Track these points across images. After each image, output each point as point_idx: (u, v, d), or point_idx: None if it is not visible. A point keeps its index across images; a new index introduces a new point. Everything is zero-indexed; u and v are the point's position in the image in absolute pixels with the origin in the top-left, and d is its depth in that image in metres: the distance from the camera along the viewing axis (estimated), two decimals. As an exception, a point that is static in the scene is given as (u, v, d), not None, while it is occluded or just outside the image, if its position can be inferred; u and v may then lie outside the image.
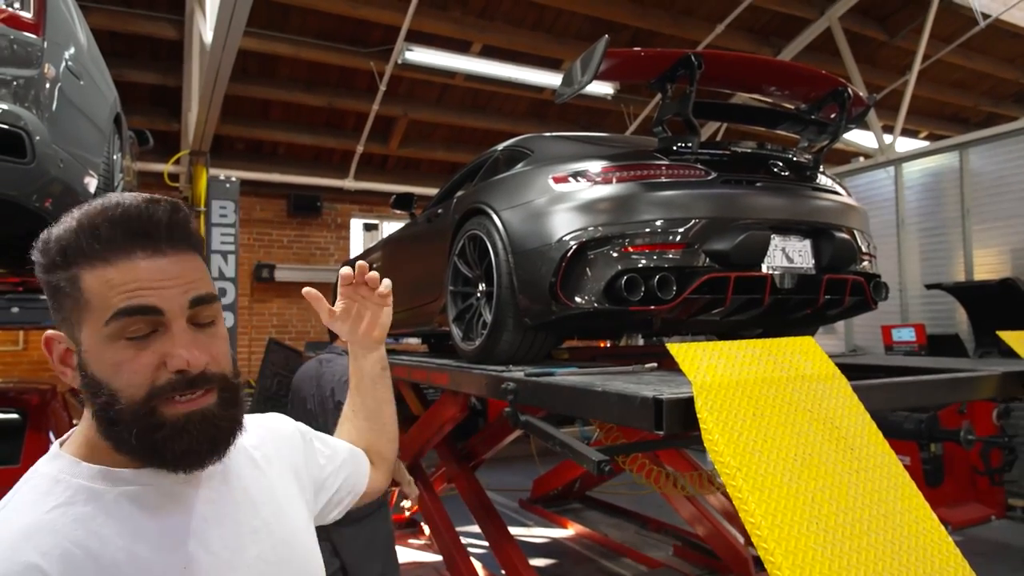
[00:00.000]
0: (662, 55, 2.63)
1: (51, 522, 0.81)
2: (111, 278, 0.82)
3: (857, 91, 2.89)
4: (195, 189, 7.90)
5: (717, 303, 2.56)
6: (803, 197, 2.77)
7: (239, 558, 0.91)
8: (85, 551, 0.80)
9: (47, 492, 0.84)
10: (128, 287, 0.82)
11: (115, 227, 0.83)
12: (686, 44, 8.65)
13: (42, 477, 0.87)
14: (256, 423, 1.13)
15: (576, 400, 2.07)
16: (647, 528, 5.77)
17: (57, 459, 0.88)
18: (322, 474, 1.20)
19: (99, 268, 0.82)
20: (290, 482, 1.09)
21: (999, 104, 10.86)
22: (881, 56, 9.40)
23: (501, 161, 3.49)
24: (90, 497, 0.84)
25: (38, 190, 2.47)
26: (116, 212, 0.84)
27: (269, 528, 0.97)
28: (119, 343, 0.82)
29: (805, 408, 1.68)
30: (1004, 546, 5.43)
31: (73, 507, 0.82)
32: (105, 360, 0.83)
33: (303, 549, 1.02)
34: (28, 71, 2.35)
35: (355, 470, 1.29)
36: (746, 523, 1.38)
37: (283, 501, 1.03)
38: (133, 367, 0.82)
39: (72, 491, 0.84)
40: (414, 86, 8.86)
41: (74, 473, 0.86)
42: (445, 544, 4.01)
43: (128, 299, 0.81)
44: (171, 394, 0.83)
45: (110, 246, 0.82)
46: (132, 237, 0.83)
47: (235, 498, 0.95)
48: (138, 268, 0.82)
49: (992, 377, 2.40)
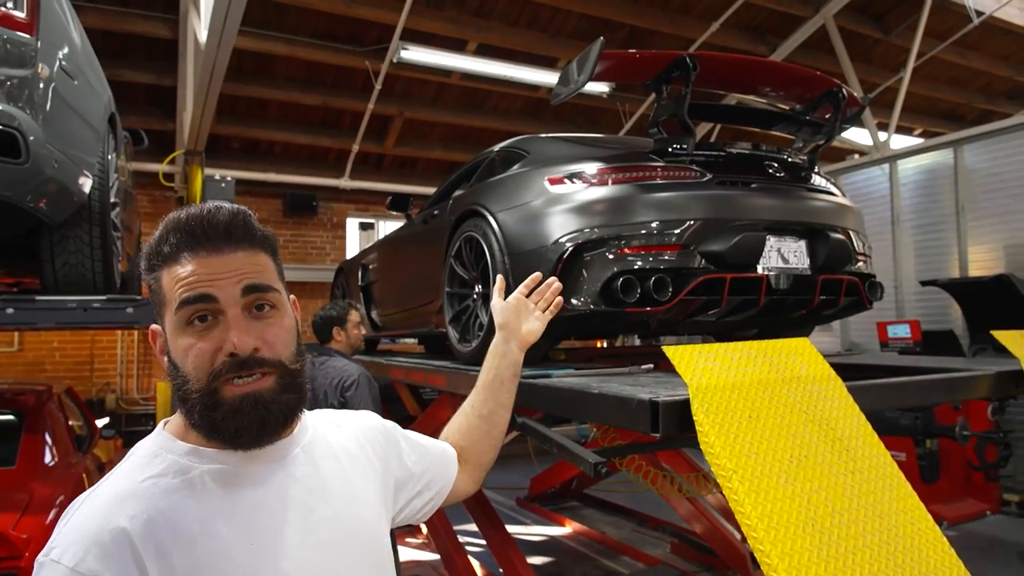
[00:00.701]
0: (657, 56, 2.63)
1: (144, 490, 0.92)
2: (178, 274, 0.95)
3: (851, 91, 2.90)
4: (190, 189, 7.88)
5: (713, 304, 2.56)
6: (798, 198, 2.78)
7: (305, 542, 0.97)
8: (166, 519, 0.89)
9: (146, 464, 0.96)
10: (188, 280, 0.94)
11: (182, 232, 0.95)
12: (682, 42, 8.66)
13: (144, 451, 0.99)
14: (344, 418, 1.23)
15: (572, 402, 2.07)
16: (644, 526, 5.78)
17: (159, 436, 1.00)
18: (406, 473, 1.26)
19: (172, 267, 0.95)
20: (368, 477, 1.14)
21: (993, 101, 10.89)
22: (876, 53, 9.42)
23: (497, 162, 3.49)
24: (179, 471, 0.94)
25: (33, 190, 2.46)
26: (184, 219, 0.96)
27: (339, 517, 1.02)
28: (187, 331, 0.95)
29: (801, 410, 1.68)
30: (999, 541, 5.45)
31: (164, 479, 0.93)
32: (178, 346, 0.96)
33: (371, 541, 1.07)
34: (22, 71, 2.35)
35: (442, 471, 1.35)
36: (742, 525, 1.39)
37: (358, 493, 1.09)
38: (197, 352, 0.94)
39: (165, 465, 0.95)
40: (410, 85, 8.85)
41: (169, 449, 0.97)
42: (443, 543, 4.01)
43: (188, 290, 0.94)
44: (228, 376, 0.94)
45: (179, 248, 0.95)
46: (196, 239, 0.95)
47: (310, 485, 1.02)
48: (200, 263, 0.95)
49: (986, 376, 2.41)
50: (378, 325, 4.81)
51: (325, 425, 1.15)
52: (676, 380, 1.80)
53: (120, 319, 3.00)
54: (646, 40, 8.78)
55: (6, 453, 3.39)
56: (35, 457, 3.47)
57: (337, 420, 1.21)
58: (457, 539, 4.04)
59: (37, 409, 3.81)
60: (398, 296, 4.36)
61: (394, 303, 4.44)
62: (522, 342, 1.58)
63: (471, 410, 1.50)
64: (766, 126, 3.22)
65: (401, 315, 4.28)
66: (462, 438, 1.47)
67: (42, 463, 3.46)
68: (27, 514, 2.87)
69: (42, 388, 4.30)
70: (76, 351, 8.40)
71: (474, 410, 1.50)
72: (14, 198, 2.42)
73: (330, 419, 1.20)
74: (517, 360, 1.56)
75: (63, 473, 3.48)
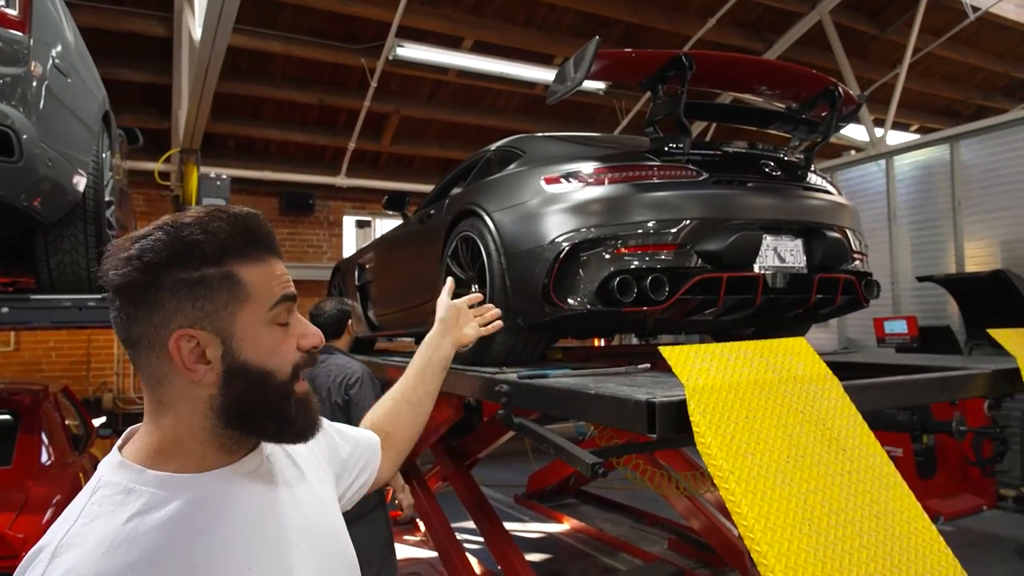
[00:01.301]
0: (653, 56, 2.62)
1: (131, 532, 0.83)
2: (270, 271, 0.94)
3: (848, 90, 2.90)
4: (186, 188, 7.87)
5: (710, 303, 2.56)
6: (794, 196, 2.78)
7: (293, 554, 0.96)
8: (167, 559, 0.84)
9: (121, 503, 0.86)
10: (283, 279, 0.96)
11: (248, 233, 0.93)
12: (678, 39, 8.66)
13: (115, 487, 0.88)
14: None
15: (569, 403, 2.07)
16: (642, 522, 5.79)
17: (123, 468, 0.90)
18: (342, 466, 1.26)
19: (255, 264, 0.93)
20: (323, 478, 1.14)
21: (989, 97, 10.91)
22: (872, 49, 9.43)
23: (493, 162, 3.48)
24: (159, 504, 0.87)
25: (27, 189, 2.45)
26: (240, 219, 0.93)
27: (312, 526, 1.01)
28: (274, 328, 0.94)
29: (797, 409, 1.68)
30: (995, 536, 5.47)
31: (149, 515, 0.85)
32: (262, 344, 0.92)
33: (342, 543, 1.08)
34: (14, 69, 2.34)
35: (370, 461, 1.36)
36: (739, 526, 1.39)
37: (321, 497, 1.09)
38: (286, 348, 0.95)
39: (144, 500, 0.87)
40: (406, 83, 8.84)
41: (142, 481, 0.88)
42: (441, 541, 4.01)
43: (285, 288, 0.95)
44: (301, 372, 0.97)
45: (259, 245, 0.94)
46: (268, 241, 0.96)
47: (282, 498, 1.00)
48: (279, 265, 0.96)
49: (982, 375, 2.41)
50: (375, 325, 4.80)
51: None
52: (673, 380, 1.81)
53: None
54: (642, 37, 8.78)
55: (2, 453, 3.38)
56: (31, 457, 3.46)
57: None
58: (455, 536, 4.04)
59: (33, 409, 3.80)
60: (395, 296, 4.35)
61: (391, 303, 4.43)
62: (456, 340, 1.64)
63: (401, 396, 1.53)
64: (762, 125, 3.22)
65: (398, 315, 4.27)
66: (389, 423, 1.48)
67: (38, 463, 3.46)
68: (23, 514, 2.86)
69: (38, 388, 4.29)
70: (73, 350, 8.39)
71: (403, 396, 1.52)
72: (8, 197, 2.41)
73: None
74: (448, 355, 1.62)
75: (59, 472, 3.48)
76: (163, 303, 0.87)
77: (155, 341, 0.88)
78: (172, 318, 0.87)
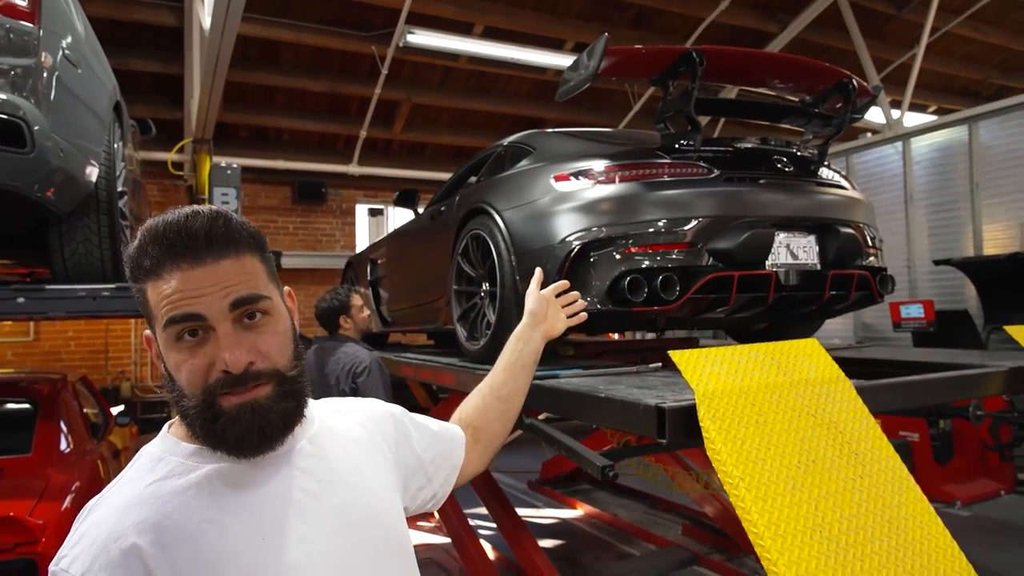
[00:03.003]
0: (663, 52, 2.59)
1: (150, 495, 0.91)
2: (163, 290, 0.91)
3: (862, 82, 2.85)
4: (199, 177, 7.90)
5: (721, 302, 2.54)
6: (807, 192, 2.74)
7: (316, 532, 0.96)
8: (172, 521, 0.89)
9: (150, 469, 0.95)
10: (173, 298, 0.91)
11: (159, 244, 0.92)
12: (690, 22, 8.56)
13: (149, 456, 0.98)
14: (351, 406, 1.22)
15: (579, 405, 2.07)
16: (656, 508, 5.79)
17: (163, 440, 1.00)
18: (416, 460, 1.25)
19: (155, 282, 0.92)
20: (379, 464, 1.13)
21: (1010, 76, 10.71)
22: (889, 30, 9.27)
23: (503, 158, 3.46)
24: (184, 472, 0.94)
25: (39, 180, 2.47)
26: (160, 230, 0.92)
27: (348, 507, 1.01)
28: (177, 345, 0.93)
29: (809, 413, 1.67)
30: (1013, 521, 5.42)
31: (169, 480, 0.93)
32: (170, 361, 0.94)
33: (385, 529, 1.06)
34: (25, 60, 2.35)
35: (451, 457, 1.35)
36: (749, 533, 1.38)
37: (368, 482, 1.08)
38: (190, 368, 0.93)
39: (170, 467, 0.95)
40: (417, 70, 8.81)
41: (174, 451, 0.97)
42: (454, 527, 4.04)
43: (173, 309, 0.91)
44: (223, 391, 0.92)
45: (159, 262, 0.92)
46: (175, 251, 0.91)
47: (318, 477, 1.01)
48: (183, 279, 0.91)
49: (999, 373, 2.38)
50: (387, 320, 4.81)
51: (331, 414, 1.14)
52: (684, 381, 1.80)
53: (130, 307, 3.01)
54: (654, 20, 8.68)
55: (22, 441, 3.43)
56: (50, 445, 3.51)
57: (344, 408, 1.19)
58: (468, 523, 4.05)
59: (52, 398, 3.84)
60: (406, 292, 4.35)
61: (402, 299, 4.43)
62: (546, 333, 1.66)
63: (489, 391, 1.53)
64: (775, 119, 3.18)
65: (409, 311, 4.27)
66: (478, 418, 1.48)
67: (57, 451, 3.50)
68: (43, 501, 2.90)
69: (57, 377, 4.34)
70: (91, 340, 8.49)
71: (492, 391, 1.53)
72: (21, 188, 2.43)
73: (336, 407, 1.18)
74: (538, 348, 1.62)
75: (78, 460, 3.52)
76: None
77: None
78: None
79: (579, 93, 2.74)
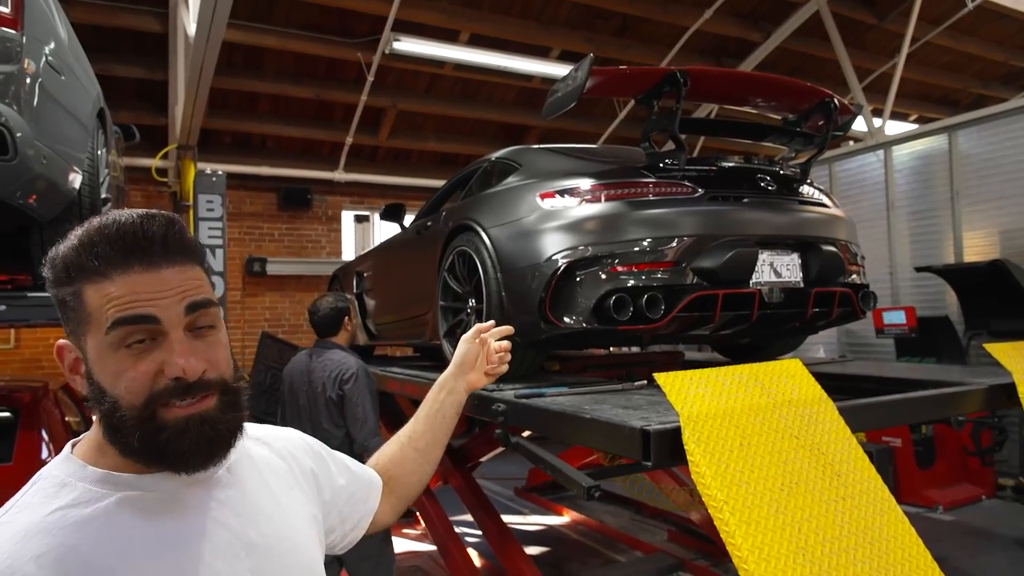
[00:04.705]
0: (647, 72, 2.63)
1: (52, 524, 0.83)
2: (109, 292, 0.85)
3: (843, 101, 2.90)
4: (183, 184, 7.85)
5: (706, 319, 2.57)
6: (790, 211, 2.78)
7: (232, 569, 0.90)
8: (78, 556, 0.81)
9: (52, 495, 0.87)
10: (124, 299, 0.85)
11: (112, 244, 0.86)
12: (674, 30, 8.63)
13: (50, 479, 0.89)
14: (269, 434, 1.15)
15: (564, 425, 2.07)
16: (642, 514, 5.81)
17: (67, 462, 0.91)
18: (333, 495, 1.19)
19: (99, 283, 0.86)
20: (297, 497, 1.08)
21: (988, 86, 10.88)
22: (870, 39, 9.39)
23: (489, 173, 3.47)
24: (92, 500, 0.86)
25: (22, 187, 2.45)
26: (112, 229, 0.87)
27: (267, 542, 0.96)
28: (120, 352, 0.86)
29: (792, 435, 1.68)
30: (994, 526, 5.48)
31: (75, 509, 0.85)
32: (107, 369, 0.87)
33: (303, 566, 1.01)
34: (7, 67, 2.33)
35: (367, 500, 1.29)
36: (733, 556, 1.39)
37: (287, 515, 1.02)
38: (132, 375, 0.86)
39: (76, 494, 0.86)
40: (402, 76, 8.81)
41: (80, 476, 0.88)
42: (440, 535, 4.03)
43: (124, 310, 0.85)
44: (169, 400, 0.87)
45: (108, 262, 0.86)
46: (128, 253, 0.87)
47: (236, 509, 0.95)
48: (134, 281, 0.86)
49: (979, 391, 2.42)
50: (373, 333, 4.80)
51: (249, 442, 1.05)
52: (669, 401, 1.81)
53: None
54: (640, 28, 8.74)
55: (2, 450, 3.39)
56: (31, 453, 3.47)
57: (262, 436, 1.12)
58: (454, 530, 4.05)
59: (33, 406, 3.80)
60: (392, 306, 4.35)
61: (388, 312, 4.43)
62: (470, 385, 1.53)
63: (408, 441, 1.43)
64: (758, 138, 3.22)
65: (395, 324, 4.26)
66: (394, 467, 1.40)
67: (39, 459, 3.46)
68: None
69: (38, 385, 4.29)
70: (72, 348, 8.38)
71: (411, 441, 1.43)
72: (3, 195, 2.40)
73: (255, 435, 1.10)
74: (461, 400, 1.51)
75: (59, 470, 3.49)
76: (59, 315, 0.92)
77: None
78: (64, 329, 0.92)
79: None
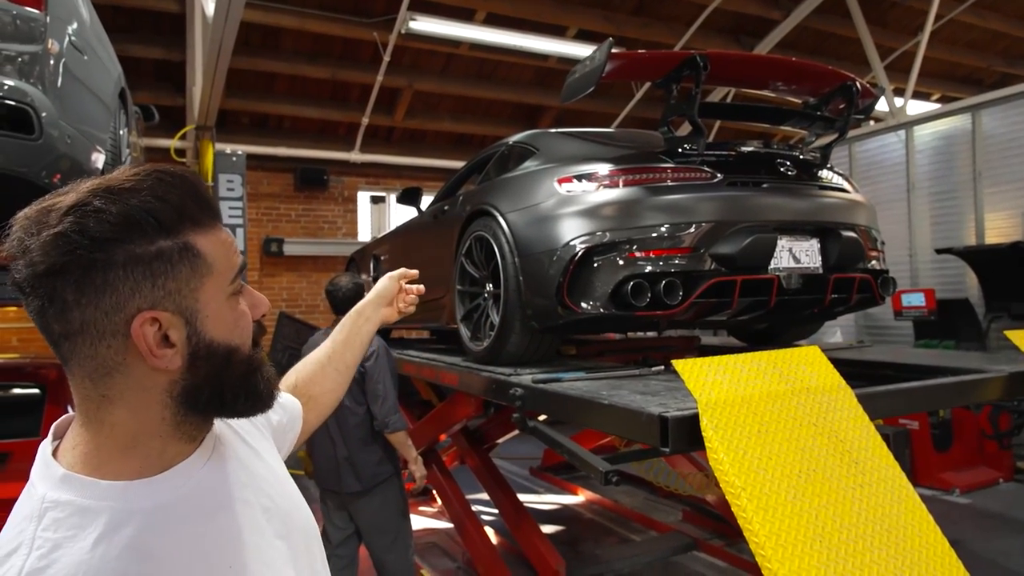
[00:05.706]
0: (667, 56, 2.60)
1: (101, 559, 0.73)
2: (224, 239, 0.85)
3: (865, 84, 2.85)
4: (202, 164, 7.90)
5: (724, 305, 2.56)
6: (810, 196, 2.75)
7: (264, 540, 0.90)
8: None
9: (80, 526, 0.75)
10: (236, 247, 0.87)
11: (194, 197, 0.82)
12: (693, 8, 8.51)
13: (65, 507, 0.76)
14: None
15: (582, 410, 2.09)
16: (657, 494, 5.84)
17: (68, 482, 0.78)
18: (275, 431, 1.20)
19: (211, 233, 0.83)
20: (268, 448, 1.07)
21: (1014, 64, 10.65)
22: (892, 16, 9.22)
23: (506, 157, 3.46)
24: (126, 519, 0.77)
25: (47, 166, 2.48)
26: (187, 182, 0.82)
27: (276, 504, 0.96)
28: (234, 300, 0.86)
29: (810, 422, 1.68)
30: (1011, 509, 5.46)
31: (116, 535, 0.75)
32: (226, 319, 0.84)
33: (304, 515, 1.02)
34: (32, 47, 2.35)
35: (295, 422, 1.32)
36: (750, 542, 1.40)
37: (277, 472, 1.03)
38: (246, 320, 0.88)
39: (106, 516, 0.76)
40: (419, 56, 8.78)
41: (98, 495, 0.77)
42: (456, 512, 4.08)
43: (239, 256, 0.87)
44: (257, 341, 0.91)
45: (210, 211, 0.84)
46: (214, 206, 0.86)
47: (243, 482, 0.92)
48: (226, 232, 0.88)
49: (999, 378, 2.40)
50: None
51: None
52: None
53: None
54: (657, 7, 8.64)
55: (31, 425, 3.47)
56: (59, 428, 3.55)
57: None
58: (470, 507, 4.10)
59: (59, 382, 3.88)
60: None
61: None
62: (384, 318, 1.59)
63: (329, 361, 1.48)
64: (778, 122, 3.18)
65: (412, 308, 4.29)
66: (315, 387, 1.44)
67: (65, 435, 3.55)
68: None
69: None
70: (94, 326, 8.50)
71: (331, 362, 1.48)
72: (29, 174, 2.44)
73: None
74: (373, 330, 1.56)
75: (85, 445, 3.57)
76: (115, 284, 0.74)
77: (105, 328, 0.75)
78: (129, 300, 0.75)
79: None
